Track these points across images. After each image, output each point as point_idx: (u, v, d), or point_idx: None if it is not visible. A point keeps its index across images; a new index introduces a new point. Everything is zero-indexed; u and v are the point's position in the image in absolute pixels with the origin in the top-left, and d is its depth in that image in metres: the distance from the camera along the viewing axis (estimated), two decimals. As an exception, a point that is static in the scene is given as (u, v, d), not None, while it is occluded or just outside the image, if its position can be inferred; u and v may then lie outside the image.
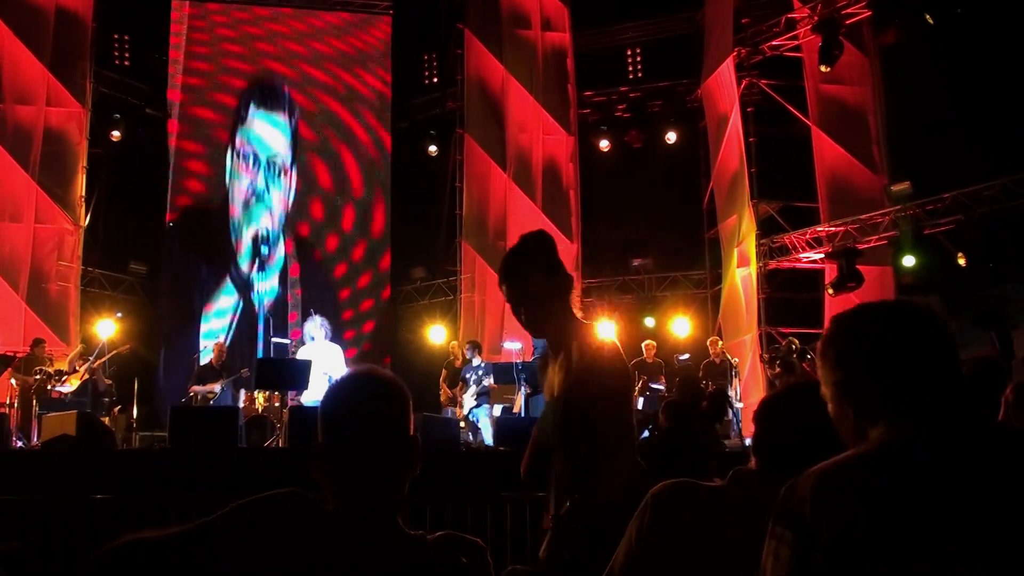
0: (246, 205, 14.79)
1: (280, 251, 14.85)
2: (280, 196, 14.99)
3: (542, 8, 15.14)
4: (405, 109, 16.19)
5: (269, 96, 15.22)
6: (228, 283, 14.55)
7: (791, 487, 1.45)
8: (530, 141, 14.82)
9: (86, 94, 13.49)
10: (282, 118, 15.24)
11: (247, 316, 14.41)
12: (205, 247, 14.66)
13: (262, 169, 14.93)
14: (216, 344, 11.44)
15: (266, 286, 14.52)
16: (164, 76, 14.77)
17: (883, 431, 1.47)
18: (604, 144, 15.67)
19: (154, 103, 15.04)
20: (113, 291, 14.48)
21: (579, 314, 3.02)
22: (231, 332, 14.34)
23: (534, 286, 2.71)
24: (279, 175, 15.01)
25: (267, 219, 14.78)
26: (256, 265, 14.24)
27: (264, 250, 14.33)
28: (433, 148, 15.86)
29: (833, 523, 1.37)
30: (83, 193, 13.39)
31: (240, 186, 14.85)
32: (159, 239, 14.64)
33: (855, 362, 1.53)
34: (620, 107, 16.03)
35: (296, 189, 15.08)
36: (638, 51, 15.95)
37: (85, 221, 13.50)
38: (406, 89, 16.22)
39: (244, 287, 14.55)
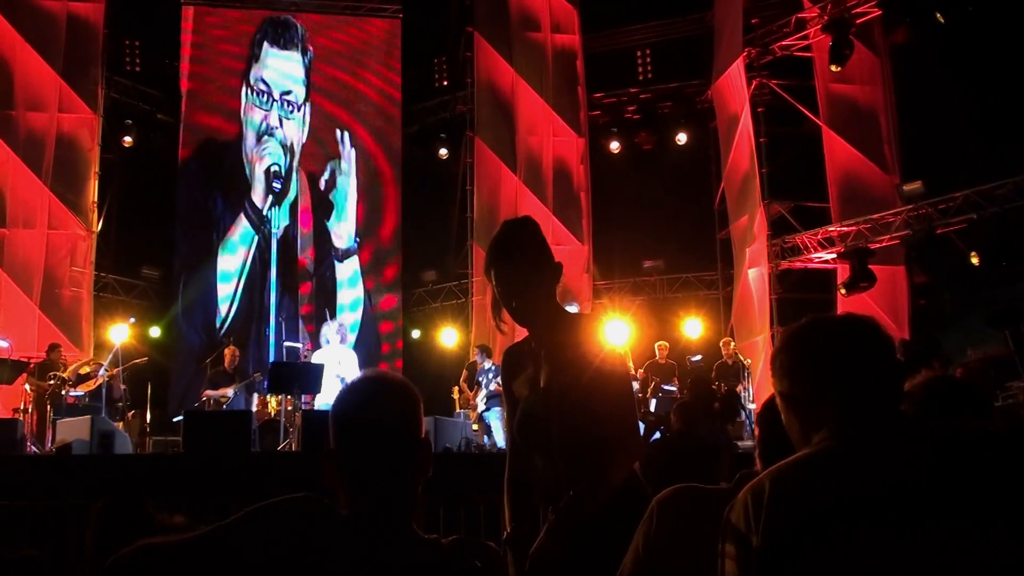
0: (259, 140, 14.94)
1: (293, 187, 14.99)
2: (294, 131, 15.13)
3: (551, 10, 15.13)
4: (415, 112, 16.19)
5: (283, 34, 15.32)
6: (243, 220, 14.72)
7: (731, 505, 1.50)
8: (540, 143, 14.81)
9: (98, 100, 13.53)
10: (295, 55, 15.34)
11: (260, 252, 14.58)
12: (220, 182, 14.83)
13: (276, 105, 15.08)
14: (228, 349, 11.48)
15: (280, 221, 14.66)
16: (175, 82, 14.83)
17: (823, 438, 1.52)
18: (614, 146, 15.61)
19: (165, 108, 15.09)
20: (126, 296, 14.55)
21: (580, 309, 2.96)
22: (246, 267, 14.52)
23: (527, 274, 2.58)
24: (293, 111, 15.16)
25: (280, 154, 14.93)
26: (270, 200, 14.28)
27: (277, 185, 14.40)
28: (443, 151, 15.83)
29: (762, 528, 1.41)
30: (95, 199, 13.42)
31: (254, 121, 14.99)
32: (174, 179, 14.76)
33: (800, 373, 1.59)
34: (630, 108, 15.98)
35: (309, 125, 15.23)
36: (648, 52, 15.89)
37: (98, 227, 13.53)
38: (416, 92, 16.23)
39: (259, 222, 14.69)
